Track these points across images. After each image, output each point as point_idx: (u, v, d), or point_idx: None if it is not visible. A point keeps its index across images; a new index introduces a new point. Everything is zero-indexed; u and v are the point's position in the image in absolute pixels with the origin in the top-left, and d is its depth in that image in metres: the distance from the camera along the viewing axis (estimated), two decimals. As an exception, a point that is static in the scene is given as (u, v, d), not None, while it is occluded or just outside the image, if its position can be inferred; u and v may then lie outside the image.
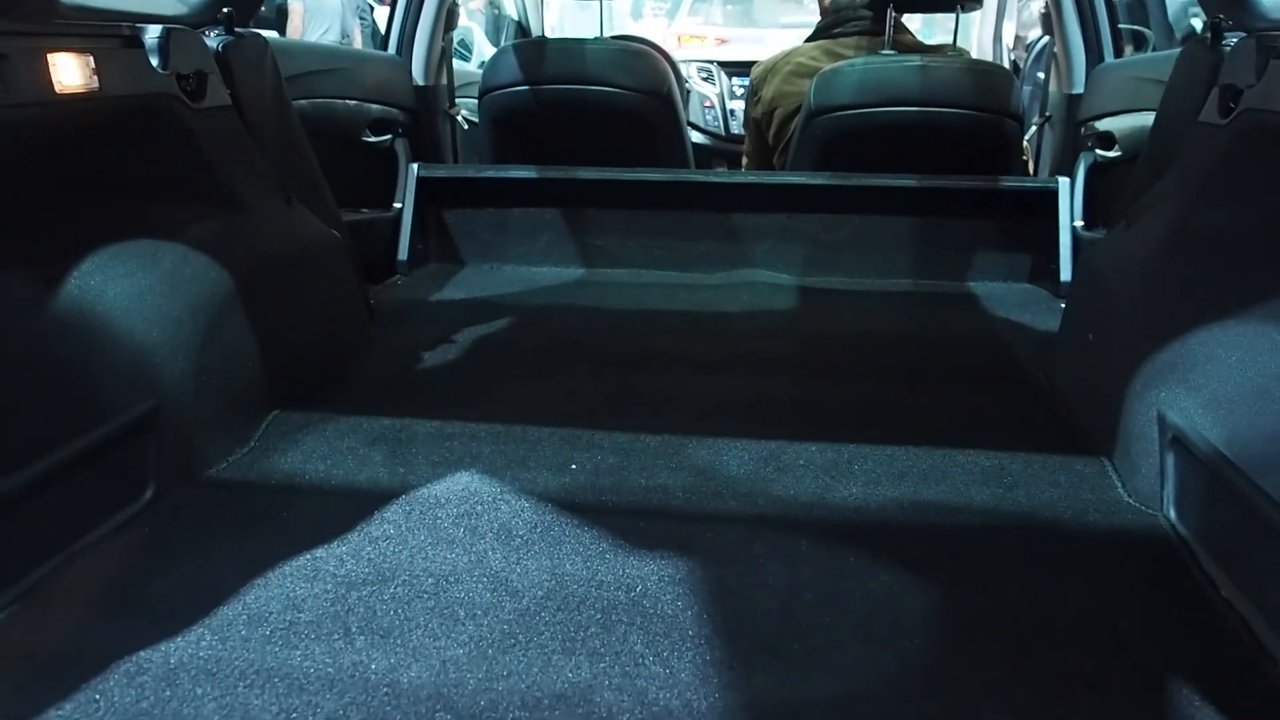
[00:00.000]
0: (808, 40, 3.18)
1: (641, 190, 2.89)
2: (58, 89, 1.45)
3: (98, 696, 1.04)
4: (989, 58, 4.46)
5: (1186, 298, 1.56)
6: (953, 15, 3.13)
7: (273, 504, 1.48)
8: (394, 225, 2.92)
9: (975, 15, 4.49)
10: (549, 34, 4.26)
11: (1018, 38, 4.71)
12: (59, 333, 1.41)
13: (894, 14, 2.82)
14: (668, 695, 1.06)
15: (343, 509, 1.45)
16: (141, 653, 1.11)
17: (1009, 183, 2.75)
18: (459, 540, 1.37)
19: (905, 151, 2.80)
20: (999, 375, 2.09)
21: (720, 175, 3.10)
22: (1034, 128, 3.19)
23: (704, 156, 4.25)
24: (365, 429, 1.74)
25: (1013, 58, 4.55)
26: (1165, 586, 1.29)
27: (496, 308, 2.56)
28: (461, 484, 1.53)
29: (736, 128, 4.33)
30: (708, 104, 4.34)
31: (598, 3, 3.04)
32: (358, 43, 6.95)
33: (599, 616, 1.20)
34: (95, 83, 1.53)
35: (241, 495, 1.52)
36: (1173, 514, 1.44)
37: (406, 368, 2.10)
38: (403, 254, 2.90)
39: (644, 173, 2.89)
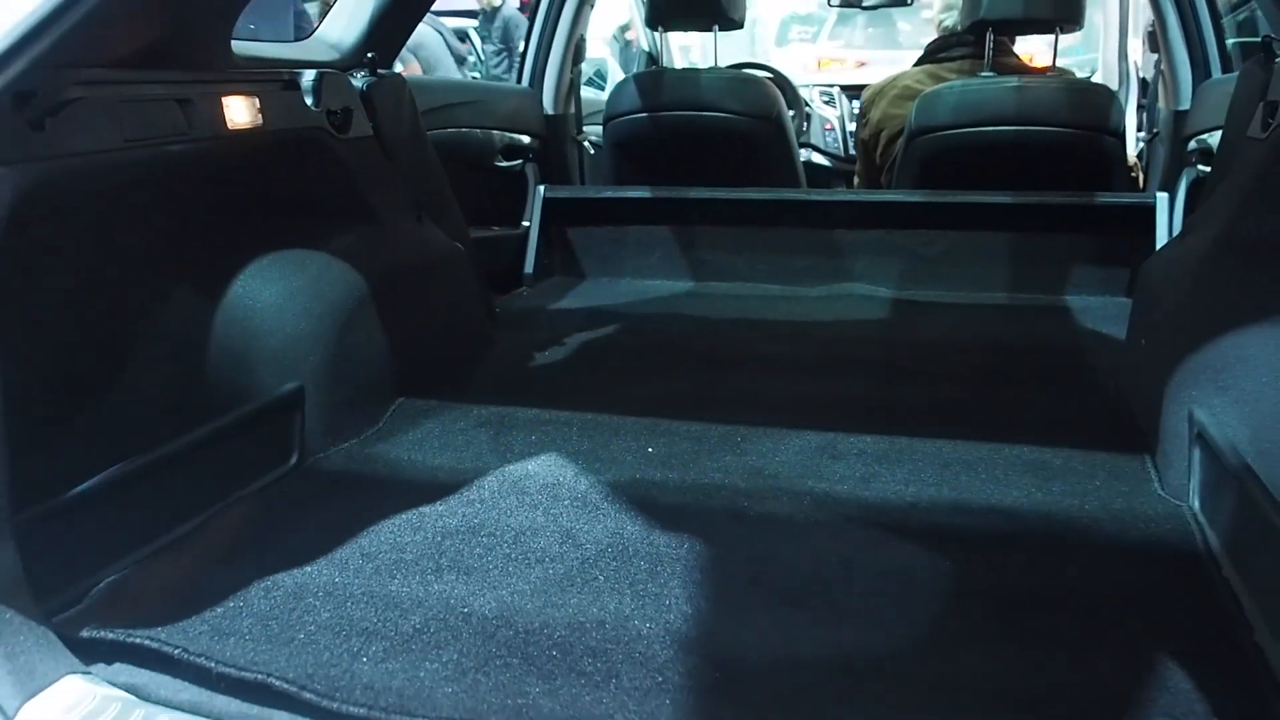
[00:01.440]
0: (915, 64, 3.33)
1: (748, 208, 3.10)
2: (229, 125, 1.77)
3: (241, 603, 1.32)
4: (1114, 76, 4.47)
5: (1223, 303, 1.67)
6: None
7: (392, 472, 1.76)
8: (522, 241, 3.21)
9: (1102, 34, 4.51)
10: (686, 63, 4.52)
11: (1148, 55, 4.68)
12: (226, 324, 1.72)
13: (993, 37, 2.94)
14: (691, 628, 1.26)
15: (448, 477, 1.72)
16: (276, 575, 1.39)
17: (1105, 198, 2.83)
18: (540, 504, 1.61)
19: (1004, 169, 2.91)
20: (1070, 380, 2.20)
21: (821, 194, 3.27)
22: (1143, 144, 3.25)
23: (824, 177, 4.42)
24: (475, 414, 2.01)
25: (1141, 75, 4.54)
26: (1169, 564, 1.41)
27: (608, 316, 2.80)
28: (549, 460, 1.77)
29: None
30: (828, 126, 4.51)
31: (712, 34, 3.26)
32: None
33: (647, 566, 1.42)
34: (259, 119, 1.84)
35: (367, 464, 1.80)
36: (1196, 504, 1.55)
37: (518, 365, 2.37)
38: (528, 267, 3.18)
39: (750, 192, 3.10)
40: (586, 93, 4.16)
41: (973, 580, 1.38)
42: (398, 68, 2.59)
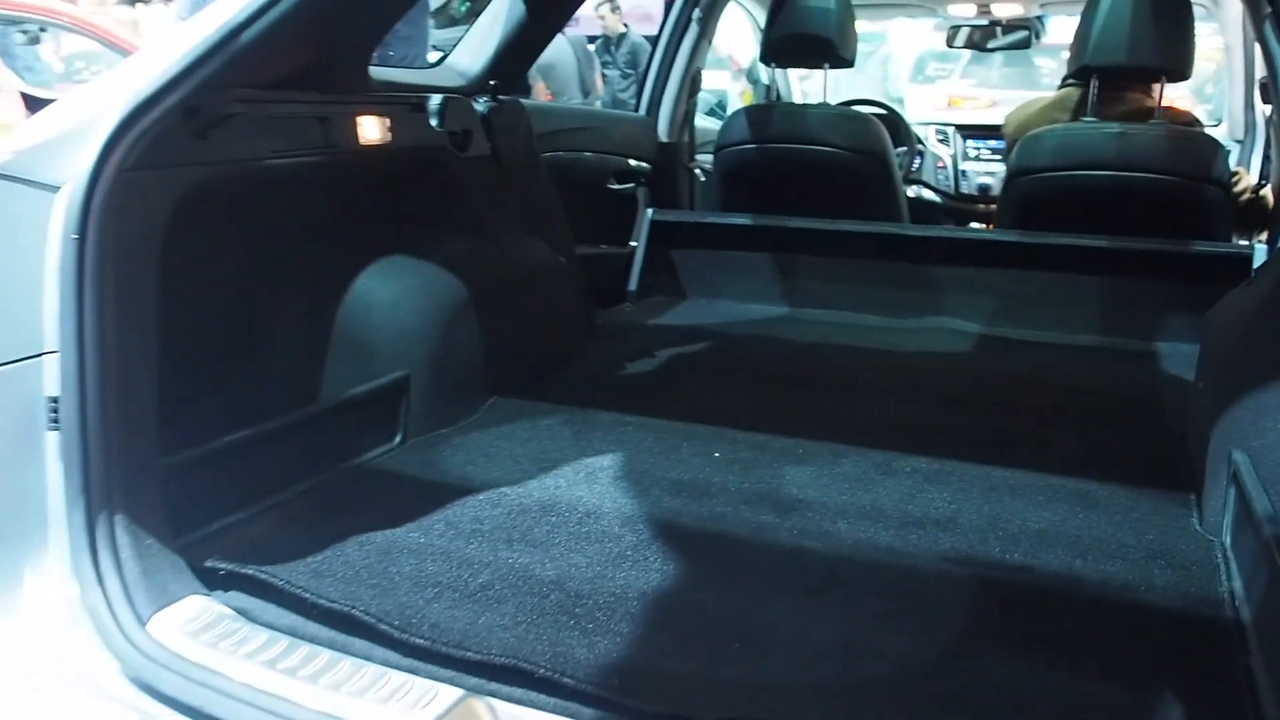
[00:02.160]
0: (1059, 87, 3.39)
1: (846, 240, 3.23)
2: (361, 141, 2.01)
3: (337, 552, 1.54)
4: (1240, 126, 4.43)
5: (1269, 349, 1.74)
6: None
7: (480, 455, 1.97)
8: (628, 260, 3.41)
9: (1228, 83, 4.46)
10: (807, 98, 4.67)
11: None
12: (347, 315, 1.96)
13: (1097, 83, 2.99)
14: (721, 606, 1.42)
15: (529, 464, 1.92)
16: (370, 533, 1.61)
17: (1202, 247, 2.86)
18: (608, 492, 1.79)
19: (1103, 213, 2.96)
20: (1135, 420, 2.27)
21: (918, 229, 3.37)
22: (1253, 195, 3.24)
23: (934, 213, 4.50)
24: (562, 413, 2.20)
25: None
26: (1188, 595, 1.49)
27: (702, 334, 2.97)
28: (622, 456, 1.95)
29: (967, 188, 4.55)
30: (940, 164, 4.59)
31: (823, 72, 3.40)
32: (599, 89, 7.65)
33: (693, 552, 1.58)
34: (389, 137, 2.08)
35: (459, 448, 2.01)
36: (1228, 540, 1.63)
37: (608, 373, 2.56)
38: (632, 285, 3.38)
39: (848, 224, 3.23)
40: (705, 122, 4.36)
41: (992, 590, 1.49)
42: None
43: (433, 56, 6.96)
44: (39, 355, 1.41)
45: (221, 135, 1.63)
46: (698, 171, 3.80)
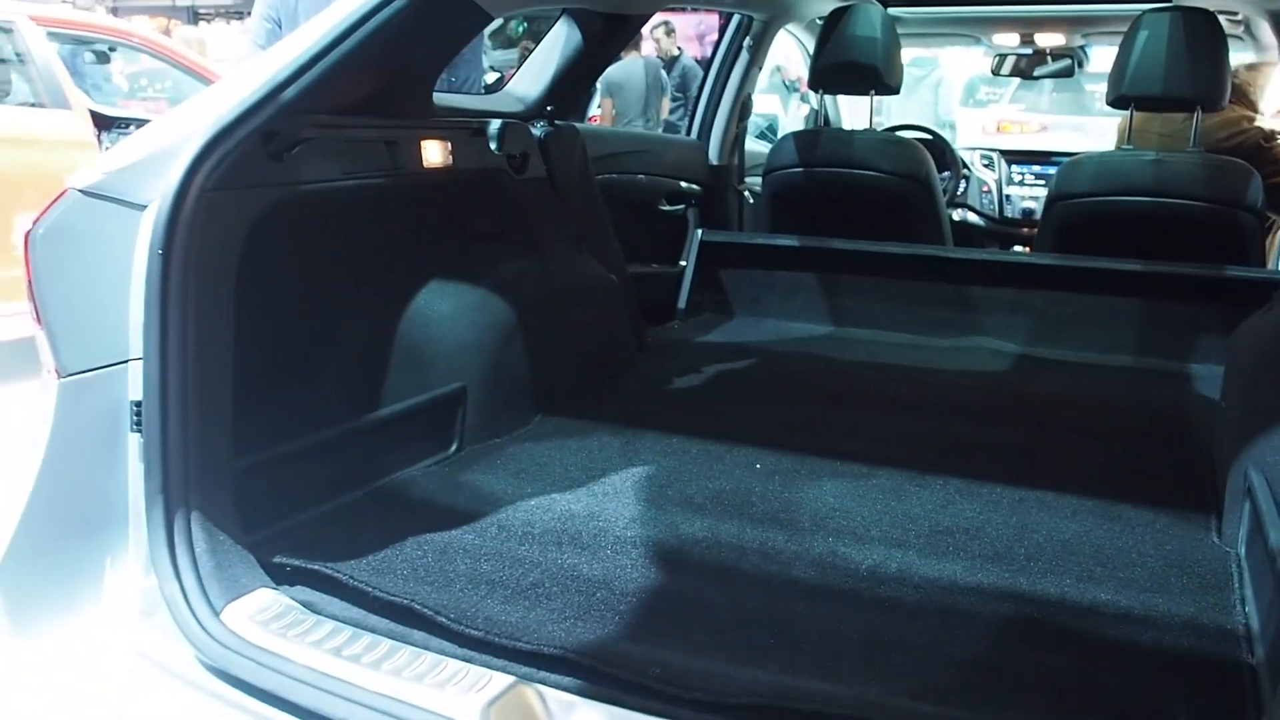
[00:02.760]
0: None
1: (890, 261, 3.28)
2: (425, 164, 2.11)
3: (397, 551, 1.63)
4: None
5: None
6: None
7: (532, 464, 2.05)
8: (678, 279, 3.49)
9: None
10: (857, 124, 4.74)
11: None
12: (408, 328, 2.06)
13: (1133, 112, 3.03)
14: (756, 604, 1.50)
15: (579, 472, 2.00)
16: (428, 534, 1.70)
17: (1235, 271, 2.88)
18: (653, 500, 1.87)
19: (1140, 238, 3.00)
20: (1167, 439, 2.30)
21: (960, 251, 3.41)
22: None
23: (978, 237, 4.53)
24: (611, 425, 2.28)
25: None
26: (1198, 600, 1.54)
27: (748, 351, 3.04)
28: (668, 466, 2.03)
29: (1011, 212, 4.57)
30: (985, 189, 4.62)
31: (869, 99, 3.47)
32: (665, 112, 7.79)
33: (733, 555, 1.66)
34: (450, 160, 2.18)
35: (513, 457, 2.10)
36: (1243, 551, 1.67)
37: (657, 387, 2.64)
38: (681, 303, 3.45)
39: (892, 246, 3.28)
40: (756, 145, 4.43)
41: (1016, 592, 1.55)
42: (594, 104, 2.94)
43: (490, 77, 7.14)
44: (125, 362, 1.51)
45: (296, 158, 1.74)
46: (747, 194, 3.88)
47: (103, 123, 5.23)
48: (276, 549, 1.60)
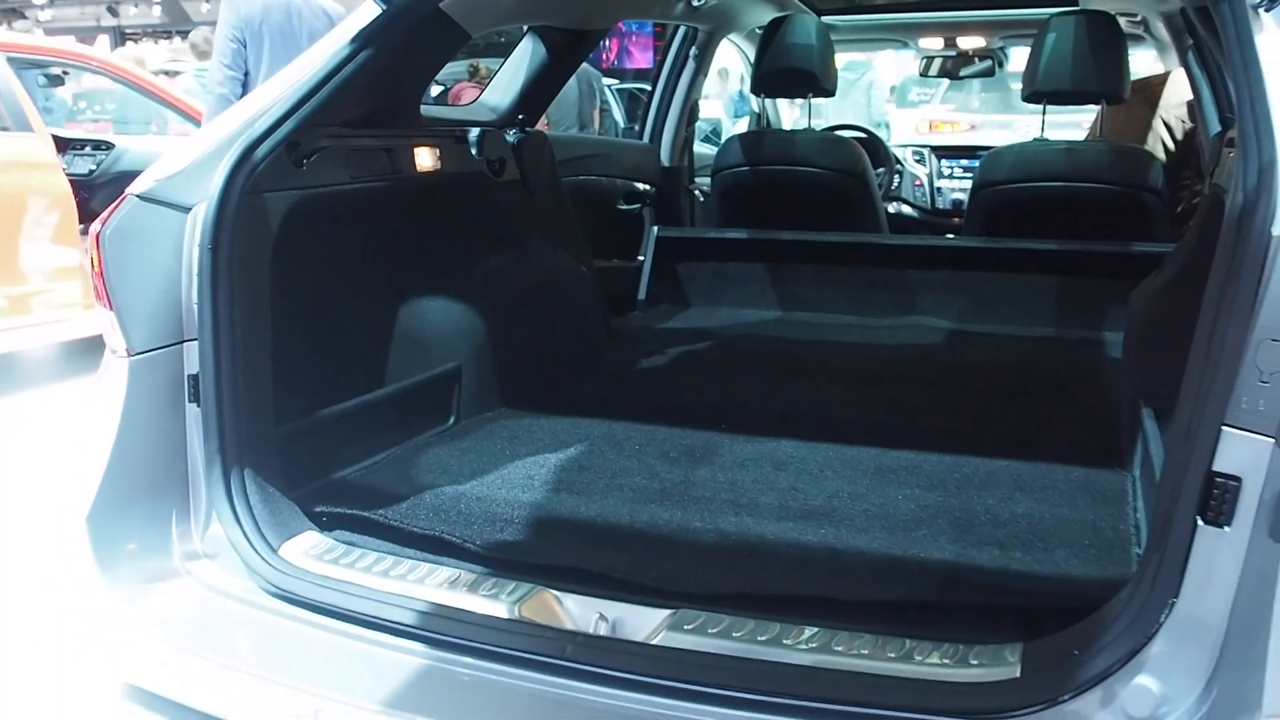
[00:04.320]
0: None
1: (832, 249, 3.60)
2: (418, 168, 2.38)
3: (417, 501, 1.90)
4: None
5: (1162, 324, 2.10)
6: None
7: (524, 430, 2.32)
8: (637, 273, 3.77)
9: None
10: (795, 124, 5.07)
11: None
12: (409, 314, 2.32)
13: (1046, 105, 3.38)
14: (731, 528, 1.78)
15: (566, 435, 2.28)
16: (441, 487, 1.96)
17: (1141, 247, 3.23)
18: (634, 454, 2.16)
19: (1056, 220, 3.34)
20: (1078, 394, 2.63)
21: (894, 238, 3.75)
22: None
23: (913, 226, 4.88)
24: (590, 396, 2.56)
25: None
26: (1100, 506, 1.86)
27: (705, 335, 3.33)
28: (644, 428, 2.31)
29: (942, 203, 4.94)
30: (918, 183, 4.98)
31: (808, 101, 3.79)
32: (595, 123, 8.11)
33: (708, 493, 1.95)
34: (439, 164, 2.45)
35: (506, 425, 2.37)
36: (1137, 474, 1.98)
37: (627, 367, 2.92)
38: (641, 294, 3.74)
39: (833, 235, 3.60)
40: (702, 148, 4.74)
41: (950, 508, 1.86)
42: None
43: (434, 90, 7.39)
44: (182, 342, 1.76)
45: (313, 165, 2.00)
46: (697, 193, 4.17)
47: (60, 145, 5.38)
48: (318, 500, 1.85)
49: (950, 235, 4.80)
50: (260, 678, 1.51)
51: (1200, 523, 1.24)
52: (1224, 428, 1.23)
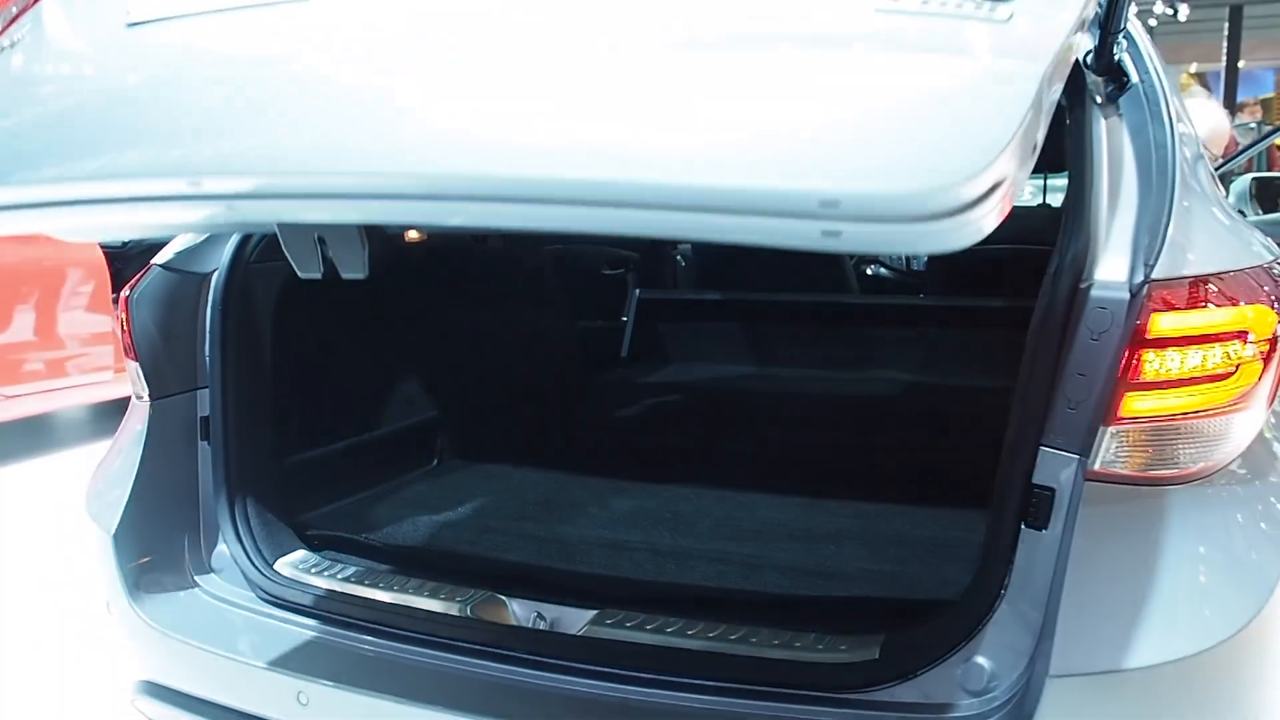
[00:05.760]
0: None
1: (801, 309, 3.89)
2: (406, 238, 2.69)
3: (397, 529, 2.19)
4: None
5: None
6: None
7: (500, 472, 2.62)
8: (620, 332, 4.08)
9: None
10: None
11: None
12: (397, 368, 2.63)
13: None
14: (666, 546, 2.06)
15: (538, 476, 2.58)
16: (420, 517, 2.26)
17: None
18: (594, 490, 2.46)
19: (1008, 279, 3.62)
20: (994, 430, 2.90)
21: (857, 298, 4.04)
22: None
23: (890, 286, 5.16)
24: (563, 443, 2.85)
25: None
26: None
27: (681, 388, 3.62)
28: (607, 467, 2.60)
29: (917, 265, 5.21)
30: (892, 246, 5.25)
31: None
32: None
33: (669, 520, 2.25)
34: (426, 235, 2.77)
35: (481, 467, 2.66)
36: None
37: (605, 417, 3.22)
38: (624, 352, 4.04)
39: (802, 295, 3.89)
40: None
41: (864, 520, 2.13)
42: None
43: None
44: (195, 389, 2.07)
45: None
46: (679, 258, 4.49)
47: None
48: (309, 527, 2.15)
49: (922, 294, 5.08)
50: (254, 668, 1.79)
51: (1023, 526, 1.51)
52: (1041, 447, 1.51)
